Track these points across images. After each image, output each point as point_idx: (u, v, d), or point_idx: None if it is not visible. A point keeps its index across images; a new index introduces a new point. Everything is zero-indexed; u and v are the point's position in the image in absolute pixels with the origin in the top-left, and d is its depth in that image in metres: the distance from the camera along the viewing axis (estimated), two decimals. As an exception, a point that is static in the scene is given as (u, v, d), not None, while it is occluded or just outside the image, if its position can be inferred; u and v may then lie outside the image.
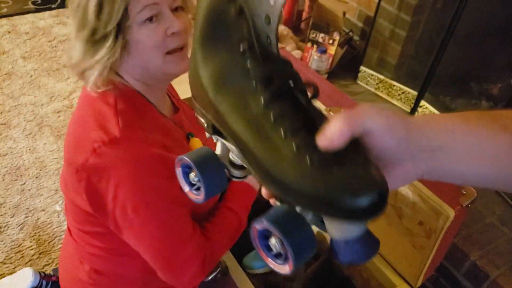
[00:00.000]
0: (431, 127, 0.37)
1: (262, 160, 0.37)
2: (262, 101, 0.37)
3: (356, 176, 0.34)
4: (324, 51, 1.73)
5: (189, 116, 0.95)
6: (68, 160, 0.78)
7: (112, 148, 0.72)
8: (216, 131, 0.43)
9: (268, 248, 0.37)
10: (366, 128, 0.36)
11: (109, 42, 0.71)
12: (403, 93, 1.75)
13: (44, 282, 1.33)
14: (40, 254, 1.52)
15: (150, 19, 0.72)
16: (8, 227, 1.60)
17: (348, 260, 0.39)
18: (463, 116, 0.38)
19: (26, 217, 1.64)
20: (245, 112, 0.38)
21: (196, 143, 0.88)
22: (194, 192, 0.44)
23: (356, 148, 0.36)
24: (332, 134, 0.34)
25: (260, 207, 0.81)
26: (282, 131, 0.36)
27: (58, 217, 1.65)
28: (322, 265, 1.19)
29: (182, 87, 0.97)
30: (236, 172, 0.45)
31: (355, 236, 0.38)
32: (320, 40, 1.84)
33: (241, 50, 0.38)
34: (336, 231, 0.38)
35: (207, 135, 0.44)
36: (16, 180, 1.78)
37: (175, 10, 0.76)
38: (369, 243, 0.39)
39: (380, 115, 0.36)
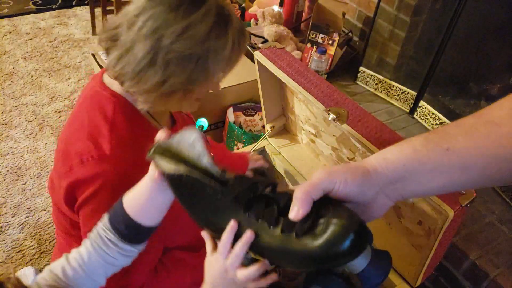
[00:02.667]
0: (387, 165, 0.45)
1: (271, 251, 0.48)
2: (242, 212, 0.49)
3: (333, 227, 0.43)
4: (323, 52, 1.74)
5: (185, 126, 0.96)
6: (56, 165, 0.80)
7: (99, 163, 0.72)
8: None
9: None
10: (325, 189, 0.45)
11: (179, 94, 0.76)
12: (402, 93, 1.76)
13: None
14: (41, 253, 1.52)
15: None
16: (9, 227, 1.60)
17: (373, 285, 0.49)
18: (412, 146, 0.45)
19: (27, 216, 1.64)
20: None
21: None
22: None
23: (327, 204, 0.45)
24: (297, 208, 0.44)
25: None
26: (267, 224, 0.48)
27: (59, 217, 1.66)
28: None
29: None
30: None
31: (364, 266, 0.48)
32: (320, 40, 1.85)
33: (211, 193, 0.50)
34: (350, 269, 0.48)
35: None
36: (17, 180, 1.79)
37: None
38: (380, 262, 0.49)
39: (333, 175, 0.45)
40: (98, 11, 2.74)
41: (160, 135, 0.54)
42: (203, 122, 1.04)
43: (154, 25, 0.69)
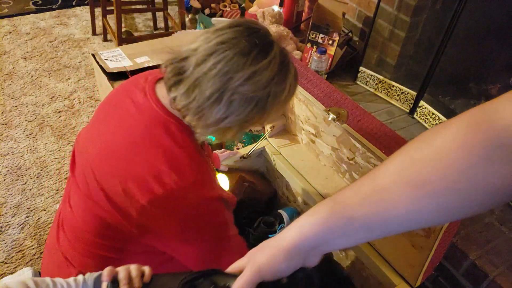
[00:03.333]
0: (302, 239, 0.52)
1: None
2: None
3: None
4: (323, 52, 1.74)
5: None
6: (125, 190, 0.79)
7: (187, 191, 0.78)
8: None
9: None
10: (257, 282, 0.53)
11: (235, 129, 0.82)
12: (402, 93, 1.76)
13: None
14: (41, 253, 1.52)
15: None
16: (9, 227, 1.60)
17: None
18: (322, 216, 0.51)
19: (27, 216, 1.64)
20: None
21: (222, 178, 1.04)
22: None
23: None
24: None
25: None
26: None
27: (59, 217, 1.66)
28: (322, 265, 1.20)
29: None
30: None
31: None
32: (320, 40, 1.85)
33: None
34: None
35: None
36: (17, 180, 1.79)
37: None
38: None
39: (262, 271, 0.53)
40: (98, 11, 2.74)
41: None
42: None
43: (225, 68, 0.73)
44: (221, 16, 2.52)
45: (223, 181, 0.93)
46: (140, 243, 0.85)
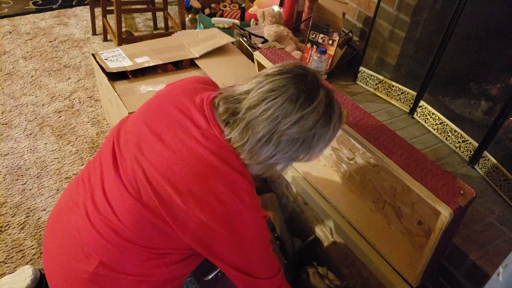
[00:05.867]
0: None
1: None
2: None
3: None
4: (323, 52, 1.74)
5: None
6: (185, 203, 0.83)
7: (244, 214, 0.84)
8: None
9: None
10: None
11: (282, 165, 0.92)
12: (402, 93, 1.76)
13: (44, 280, 1.33)
14: (41, 253, 1.52)
15: None
16: (9, 227, 1.60)
17: None
18: None
19: (27, 216, 1.64)
20: None
21: None
22: None
23: None
24: None
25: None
26: None
27: (59, 216, 1.66)
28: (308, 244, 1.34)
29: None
30: None
31: None
32: (320, 40, 1.85)
33: None
34: None
35: None
36: (17, 180, 1.79)
37: None
38: None
39: None
40: (98, 11, 2.74)
41: None
42: None
43: (275, 113, 0.81)
44: (221, 16, 2.53)
45: None
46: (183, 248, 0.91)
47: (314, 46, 1.86)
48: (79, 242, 0.91)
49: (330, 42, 1.83)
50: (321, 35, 1.84)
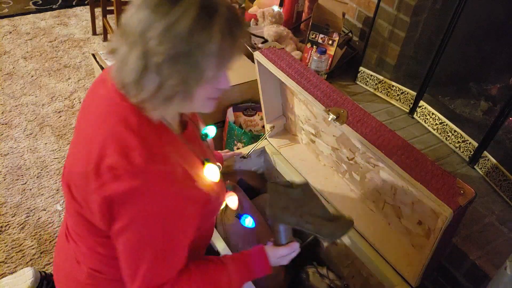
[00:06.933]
0: None
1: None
2: None
3: None
4: (323, 52, 1.73)
5: (195, 129, 0.93)
6: (82, 174, 0.75)
7: (134, 178, 0.70)
8: None
9: None
10: None
11: (180, 96, 0.71)
12: (402, 93, 1.76)
13: (45, 282, 1.33)
14: (41, 253, 1.52)
15: None
16: (9, 227, 1.60)
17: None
18: None
19: (27, 216, 1.64)
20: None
21: (212, 168, 0.87)
22: None
23: None
24: None
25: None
26: None
27: (59, 216, 1.66)
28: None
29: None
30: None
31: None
32: (320, 40, 1.85)
33: None
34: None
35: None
36: (17, 179, 1.79)
37: None
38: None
39: None
40: (98, 11, 2.74)
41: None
42: (209, 130, 0.96)
43: (138, 29, 0.66)
44: (221, 16, 2.52)
45: (213, 172, 0.85)
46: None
47: (314, 46, 1.86)
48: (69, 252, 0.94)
49: (330, 42, 1.83)
50: (321, 35, 1.84)
